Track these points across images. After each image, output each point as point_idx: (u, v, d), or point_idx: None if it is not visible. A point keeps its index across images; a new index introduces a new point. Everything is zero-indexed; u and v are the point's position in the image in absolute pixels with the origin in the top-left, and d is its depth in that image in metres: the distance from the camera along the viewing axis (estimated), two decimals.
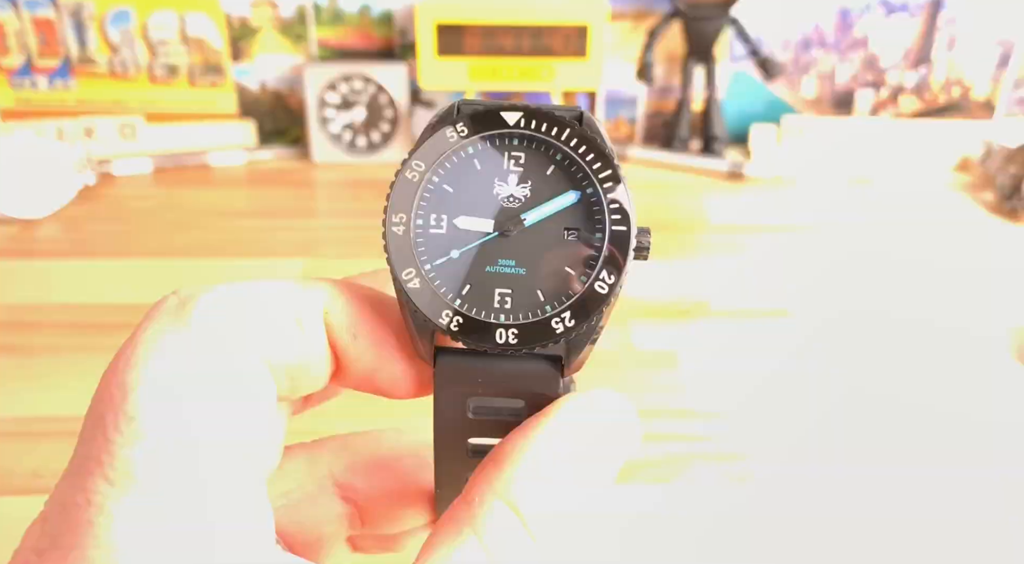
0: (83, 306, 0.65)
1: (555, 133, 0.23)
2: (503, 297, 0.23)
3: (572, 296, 0.23)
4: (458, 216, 0.23)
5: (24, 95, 0.95)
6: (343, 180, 0.90)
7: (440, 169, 0.24)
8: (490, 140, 0.24)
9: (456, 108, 0.24)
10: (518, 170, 0.24)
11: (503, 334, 0.23)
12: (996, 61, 0.96)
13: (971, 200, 0.87)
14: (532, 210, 0.23)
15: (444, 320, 0.23)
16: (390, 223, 0.23)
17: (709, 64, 0.93)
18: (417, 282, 0.23)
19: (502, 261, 0.23)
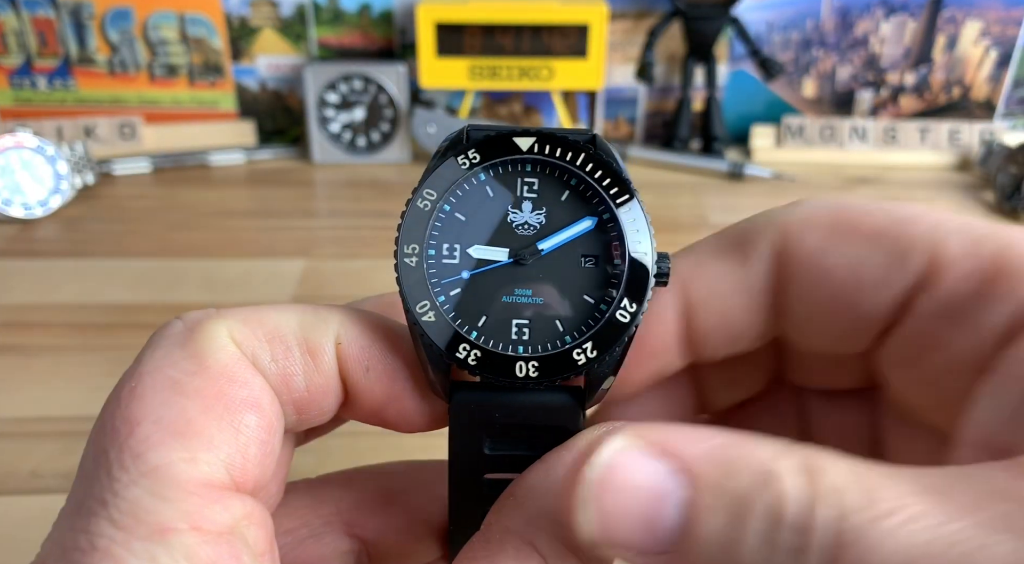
0: (83, 306, 0.65)
1: (569, 158, 0.23)
2: (521, 328, 0.22)
3: (592, 325, 0.22)
4: (472, 245, 0.23)
5: (24, 95, 0.95)
6: (343, 180, 0.90)
7: (452, 197, 0.23)
8: (502, 166, 0.23)
9: (465, 134, 0.23)
10: (532, 196, 0.23)
11: (523, 367, 0.22)
12: (996, 61, 0.96)
13: (971, 200, 0.87)
14: (548, 238, 0.23)
15: (462, 354, 0.22)
16: (402, 254, 0.22)
17: (709, 64, 0.93)
18: (432, 315, 0.22)
19: (519, 291, 0.23)
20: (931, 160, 0.94)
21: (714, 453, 0.18)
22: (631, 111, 0.99)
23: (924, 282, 0.22)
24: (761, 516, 0.17)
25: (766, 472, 0.17)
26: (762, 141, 0.95)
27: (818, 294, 0.23)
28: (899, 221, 0.22)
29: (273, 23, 0.93)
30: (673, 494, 0.17)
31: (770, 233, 0.24)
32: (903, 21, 0.95)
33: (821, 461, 0.17)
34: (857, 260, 0.22)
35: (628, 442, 0.18)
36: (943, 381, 0.22)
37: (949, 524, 0.16)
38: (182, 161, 0.91)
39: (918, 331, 0.22)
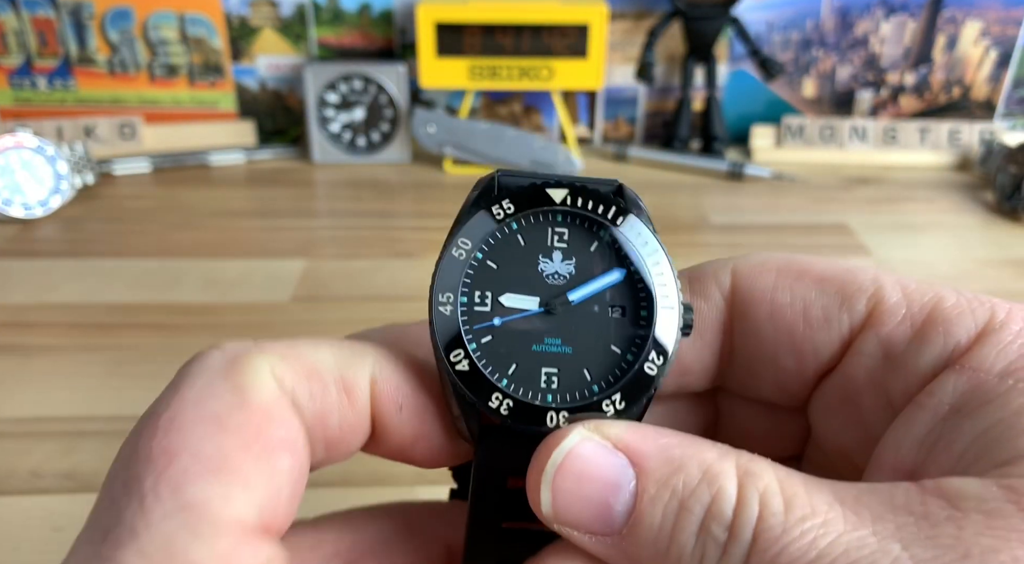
0: (83, 306, 0.65)
1: (601, 211, 0.23)
2: (550, 376, 0.23)
3: (620, 376, 0.23)
4: (503, 293, 0.23)
5: (23, 95, 0.95)
6: (343, 180, 0.90)
7: (484, 246, 0.23)
8: (534, 216, 0.23)
9: (496, 182, 0.23)
10: (562, 246, 0.23)
11: (554, 418, 0.22)
12: (996, 61, 0.96)
13: (971, 200, 0.87)
14: (577, 288, 0.23)
15: (494, 403, 0.22)
16: (436, 303, 0.23)
17: (709, 64, 0.93)
18: (466, 364, 0.22)
19: (548, 339, 0.23)
20: (931, 160, 0.94)
21: (664, 451, 0.20)
22: (631, 111, 0.99)
23: (866, 324, 0.24)
24: (698, 510, 0.19)
25: (708, 471, 0.19)
26: (762, 141, 0.95)
27: (768, 332, 0.25)
28: (845, 270, 0.24)
29: (273, 23, 0.93)
30: (624, 484, 0.20)
31: (722, 274, 0.25)
32: (903, 21, 0.95)
33: (756, 466, 0.19)
34: (807, 301, 0.24)
35: (587, 434, 0.21)
36: (871, 420, 0.24)
37: (852, 532, 0.18)
38: (182, 161, 0.92)
39: (854, 374, 0.24)
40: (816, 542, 0.18)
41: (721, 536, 0.18)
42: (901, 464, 0.21)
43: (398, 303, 0.66)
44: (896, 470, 0.21)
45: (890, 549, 0.17)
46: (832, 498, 0.19)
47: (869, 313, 0.23)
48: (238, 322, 0.63)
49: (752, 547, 0.18)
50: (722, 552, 0.18)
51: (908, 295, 0.23)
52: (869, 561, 0.17)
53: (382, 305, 0.66)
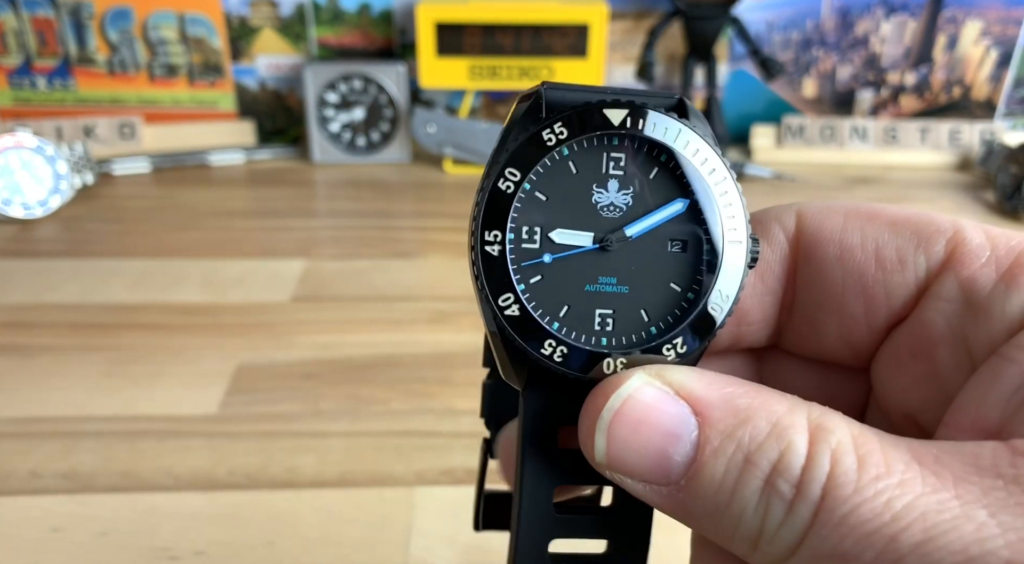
0: (82, 306, 0.65)
1: (664, 134, 0.21)
2: (604, 318, 0.21)
3: (681, 317, 0.21)
4: (554, 229, 0.21)
5: (23, 95, 0.95)
6: (342, 180, 0.90)
7: (532, 175, 0.21)
8: (588, 141, 0.21)
9: (542, 97, 0.21)
10: (618, 174, 0.21)
11: (611, 364, 0.21)
12: (996, 61, 0.96)
13: (972, 200, 0.87)
14: (636, 222, 0.21)
15: (547, 349, 0.21)
16: (481, 241, 0.20)
17: (709, 63, 0.93)
18: (516, 309, 0.21)
19: (603, 278, 0.21)
20: (931, 160, 0.94)
21: (730, 400, 0.19)
22: None
23: (945, 266, 0.22)
24: (765, 465, 0.18)
25: (777, 424, 0.18)
26: (762, 141, 0.95)
27: (835, 275, 0.23)
28: (919, 213, 0.22)
29: (273, 23, 0.93)
30: (685, 433, 0.19)
31: (786, 218, 0.24)
32: (903, 21, 0.95)
33: (829, 421, 0.18)
34: (879, 242, 0.22)
35: (647, 380, 0.19)
36: (946, 375, 0.22)
37: (932, 494, 0.16)
38: (182, 161, 0.91)
39: (930, 322, 0.22)
40: (891, 503, 0.16)
41: (788, 493, 0.17)
42: (984, 423, 0.19)
43: (398, 303, 0.66)
44: (978, 429, 0.19)
45: (975, 515, 0.16)
46: (910, 457, 0.17)
47: (948, 255, 0.21)
48: (238, 322, 0.63)
49: (820, 505, 0.17)
50: (787, 509, 0.17)
51: (992, 238, 0.21)
52: (950, 526, 0.16)
53: (382, 305, 0.66)
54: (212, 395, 0.55)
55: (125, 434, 0.52)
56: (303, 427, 0.53)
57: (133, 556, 0.43)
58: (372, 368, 0.58)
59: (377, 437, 0.52)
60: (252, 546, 0.44)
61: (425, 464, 0.50)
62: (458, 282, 0.70)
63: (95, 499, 0.47)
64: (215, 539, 0.44)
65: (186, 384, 0.56)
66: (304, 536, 0.45)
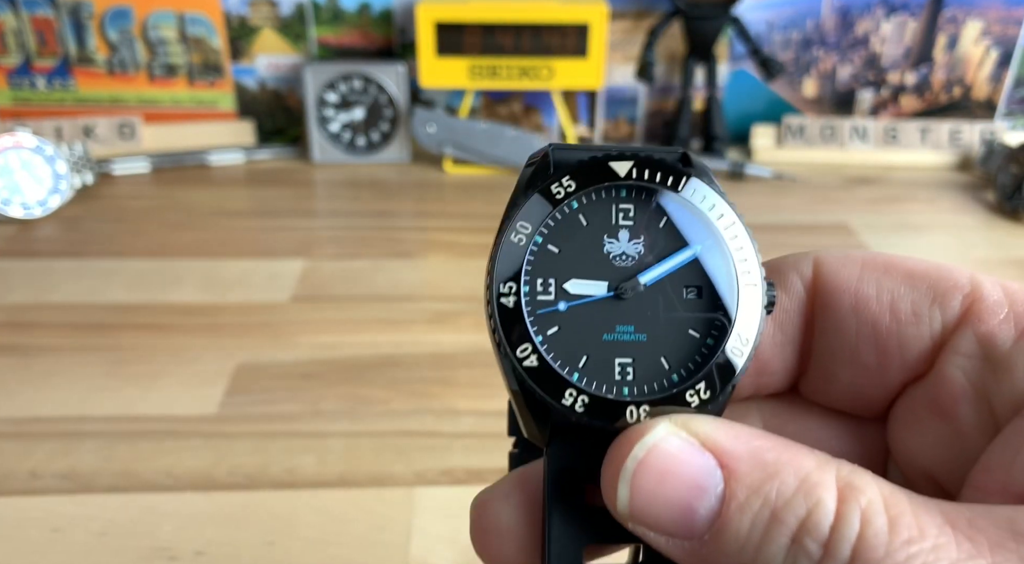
0: (82, 306, 0.65)
1: (670, 183, 0.21)
2: (624, 367, 0.21)
3: (701, 364, 0.21)
4: (568, 280, 0.21)
5: (23, 95, 0.95)
6: (342, 180, 0.90)
7: (543, 228, 0.21)
8: (596, 193, 0.21)
9: (549, 156, 0.22)
10: (628, 224, 0.21)
11: (634, 412, 0.20)
12: (997, 60, 0.96)
13: (972, 200, 0.87)
14: (649, 269, 0.21)
15: (568, 400, 0.20)
16: (497, 294, 0.21)
17: (710, 63, 0.93)
18: (535, 359, 0.21)
19: (620, 327, 0.21)
20: (932, 160, 0.94)
21: (758, 454, 0.18)
22: (631, 111, 0.99)
23: (962, 322, 0.21)
24: (792, 522, 0.17)
25: (806, 481, 0.17)
26: (763, 141, 0.95)
27: (850, 326, 0.23)
28: (936, 266, 0.22)
29: (272, 23, 0.93)
30: (711, 487, 0.18)
31: (803, 266, 0.24)
32: (903, 21, 0.95)
33: (859, 479, 0.17)
34: (895, 294, 0.22)
35: (672, 430, 0.19)
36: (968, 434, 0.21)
37: (965, 561, 0.16)
38: (181, 161, 0.91)
39: (948, 378, 0.22)
40: None
41: (815, 552, 0.17)
42: (1015, 486, 0.19)
43: (398, 303, 0.66)
44: (1008, 493, 0.19)
45: None
46: (943, 520, 0.17)
47: (965, 310, 0.21)
48: (237, 322, 0.63)
49: None
50: None
51: (1010, 294, 0.21)
52: None
53: (382, 305, 0.66)
54: (211, 395, 0.55)
55: (125, 434, 0.52)
56: (303, 427, 0.53)
57: (133, 556, 0.43)
58: (372, 368, 0.58)
59: (377, 437, 0.52)
60: (252, 546, 0.44)
61: (425, 464, 0.49)
62: (458, 282, 0.70)
63: (95, 499, 0.47)
64: (215, 539, 0.44)
65: (185, 384, 0.56)
66: (304, 536, 0.45)
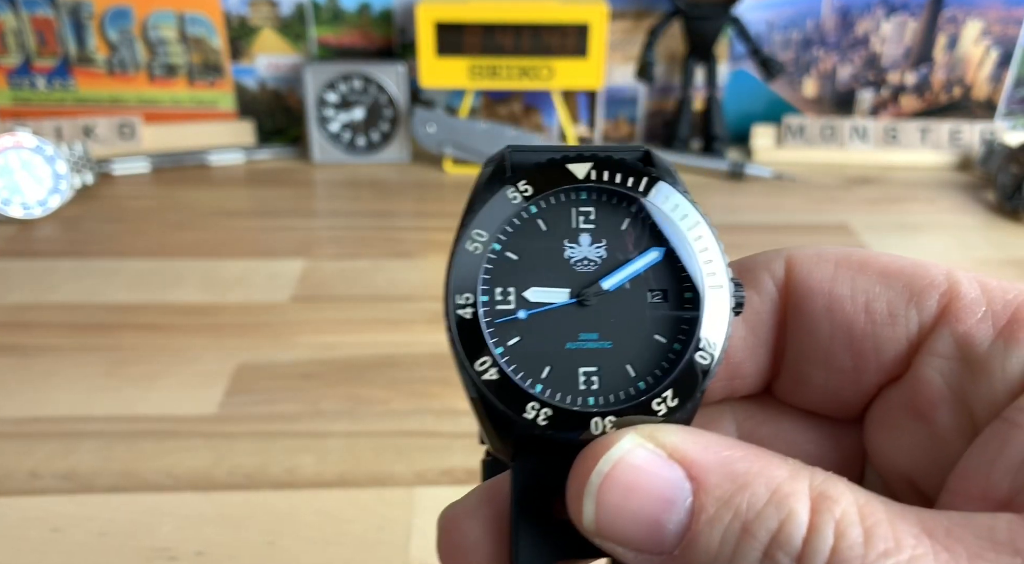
0: (82, 306, 0.65)
1: (631, 184, 0.20)
2: (589, 376, 0.20)
3: (669, 369, 0.20)
4: (528, 288, 0.20)
5: (23, 95, 0.95)
6: (342, 180, 0.90)
7: (501, 235, 0.20)
8: (555, 196, 0.21)
9: (506, 159, 0.21)
10: (589, 227, 0.21)
11: (599, 423, 0.20)
12: (997, 60, 0.96)
13: (972, 200, 0.87)
14: (611, 274, 0.20)
15: (530, 413, 0.20)
16: (454, 306, 0.20)
17: (710, 63, 0.93)
18: (494, 372, 0.20)
19: (583, 335, 0.20)
20: (932, 160, 0.94)
21: (727, 465, 0.18)
22: (631, 111, 0.99)
23: (939, 322, 0.21)
24: (763, 536, 0.17)
25: (777, 492, 0.17)
26: (763, 141, 0.95)
27: (824, 327, 0.22)
28: (912, 263, 0.22)
29: (272, 23, 0.93)
30: (679, 500, 0.18)
31: (775, 266, 0.23)
32: (904, 21, 0.95)
33: (833, 489, 0.17)
34: (869, 294, 0.21)
35: (638, 441, 0.18)
36: (945, 437, 0.21)
37: None
38: (181, 161, 0.91)
39: (925, 380, 0.21)
40: None
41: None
42: (994, 492, 0.18)
43: (398, 303, 0.66)
44: (988, 499, 0.18)
45: None
46: (920, 529, 0.16)
47: (942, 310, 0.21)
48: (237, 322, 0.63)
49: None
50: None
51: (988, 291, 0.20)
52: None
53: (382, 305, 0.66)
54: (212, 395, 0.55)
55: (125, 434, 0.52)
56: (303, 427, 0.52)
57: (132, 556, 0.43)
58: (372, 368, 0.58)
59: (377, 437, 0.52)
60: (252, 546, 0.44)
61: (425, 464, 0.49)
62: None
63: (94, 499, 0.47)
64: (215, 539, 0.44)
65: (186, 384, 0.56)
66: (304, 536, 0.45)
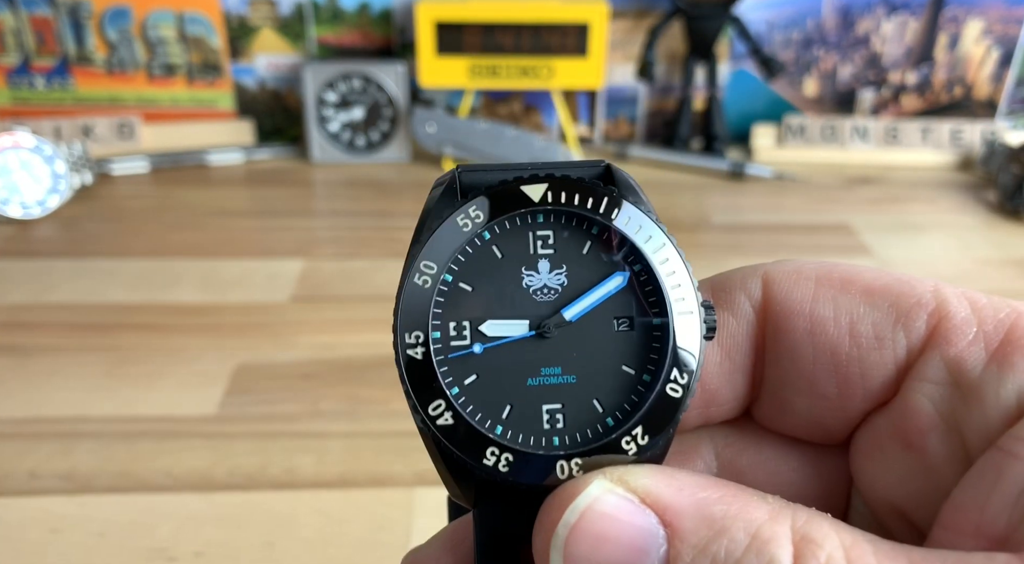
0: (82, 306, 0.65)
1: (590, 205, 0.19)
2: (553, 414, 0.19)
3: (638, 403, 0.19)
4: (484, 321, 0.19)
5: (22, 94, 0.94)
6: (342, 179, 0.90)
7: (453, 264, 0.19)
8: (510, 220, 0.19)
9: (458, 182, 0.20)
10: (547, 253, 0.19)
11: (565, 467, 0.18)
12: (998, 60, 0.96)
13: (973, 200, 0.86)
14: (573, 303, 0.19)
15: (490, 460, 0.18)
16: (403, 345, 0.19)
17: (710, 63, 0.93)
18: (449, 417, 0.18)
19: (545, 370, 0.19)
20: (933, 160, 0.94)
21: (703, 508, 0.17)
22: (632, 110, 0.99)
23: (928, 345, 0.20)
24: None
25: (757, 536, 0.16)
26: (763, 140, 0.95)
27: (805, 352, 0.21)
28: (897, 280, 0.20)
29: (272, 22, 0.93)
30: (652, 549, 0.17)
31: (752, 285, 0.21)
32: (905, 20, 0.94)
33: (816, 530, 0.16)
34: (853, 315, 0.20)
35: (608, 486, 0.17)
36: (937, 467, 0.20)
37: None
38: (180, 161, 0.91)
39: (914, 407, 0.20)
40: None
41: None
42: (988, 528, 0.17)
43: None
44: (981, 535, 0.17)
45: None
46: None
47: (931, 331, 0.19)
48: (237, 322, 0.63)
49: None
50: None
51: (978, 310, 0.19)
52: None
53: (381, 305, 0.66)
54: (211, 395, 0.55)
55: (124, 435, 0.52)
56: (302, 427, 0.52)
57: (131, 556, 0.43)
58: (372, 368, 0.58)
59: (377, 437, 0.52)
60: (251, 547, 0.44)
61: (425, 464, 0.49)
62: None
63: (94, 500, 0.47)
64: (214, 540, 0.44)
65: (185, 384, 0.56)
66: (303, 537, 0.45)
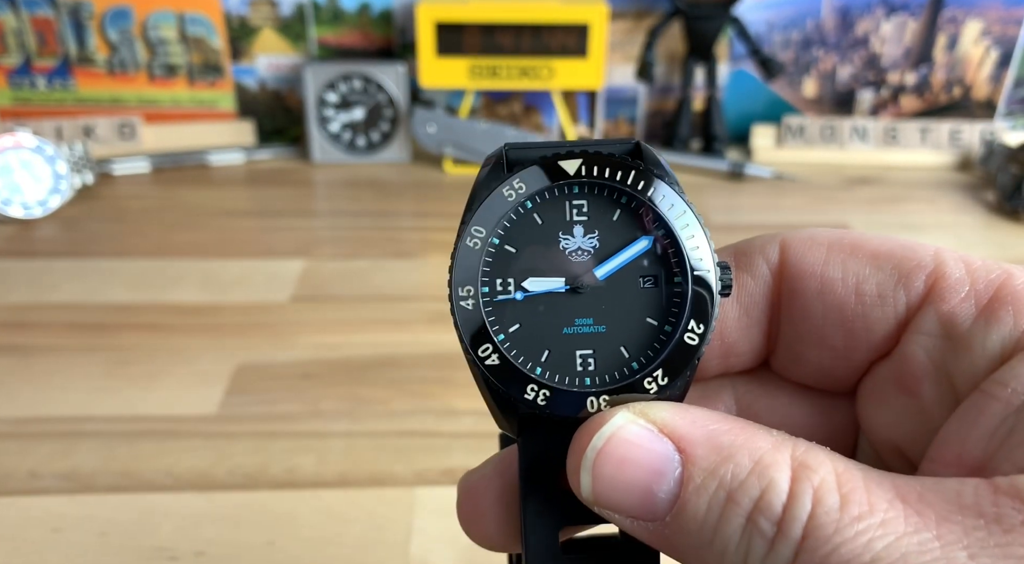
0: (82, 306, 0.65)
1: (619, 177, 0.22)
2: (585, 359, 0.22)
3: (660, 350, 0.22)
4: (526, 278, 0.22)
5: (23, 95, 0.95)
6: (342, 180, 0.90)
7: (499, 230, 0.22)
8: (548, 191, 0.22)
9: (504, 157, 0.23)
10: (582, 219, 0.22)
11: (594, 402, 0.21)
12: (997, 60, 0.96)
13: (972, 200, 0.87)
14: (604, 263, 0.22)
15: (530, 394, 0.22)
16: (457, 298, 0.22)
17: (710, 63, 0.93)
18: (496, 358, 0.22)
19: (579, 320, 0.22)
20: (932, 160, 0.94)
21: (713, 438, 0.19)
22: (631, 111, 0.99)
23: (925, 301, 0.22)
24: (746, 503, 0.18)
25: (760, 462, 0.18)
26: (762, 141, 0.95)
27: (816, 309, 0.23)
28: (901, 245, 0.23)
29: (273, 23, 0.93)
30: (668, 471, 0.19)
31: (770, 250, 0.24)
32: (904, 21, 0.95)
33: (813, 458, 0.18)
34: (860, 276, 0.23)
35: (631, 418, 0.20)
36: (929, 409, 0.22)
37: (913, 535, 0.16)
38: (181, 161, 0.91)
39: (911, 356, 0.22)
40: (872, 544, 0.16)
41: (769, 531, 0.17)
42: (967, 458, 0.20)
43: (398, 303, 0.66)
44: (961, 465, 0.20)
45: (955, 557, 0.16)
46: (893, 495, 0.17)
47: (928, 289, 0.22)
48: (237, 322, 0.63)
49: (801, 545, 0.17)
50: (769, 548, 0.17)
51: (972, 271, 0.22)
52: None
53: (382, 305, 0.66)
54: (211, 395, 0.55)
55: (125, 434, 0.52)
56: (302, 427, 0.53)
57: (132, 556, 0.43)
58: (372, 368, 0.58)
59: (377, 437, 0.52)
60: (252, 546, 0.44)
61: (425, 464, 0.49)
62: None
63: (94, 499, 0.47)
64: (215, 539, 0.44)
65: (185, 384, 0.56)
66: (304, 536, 0.45)
